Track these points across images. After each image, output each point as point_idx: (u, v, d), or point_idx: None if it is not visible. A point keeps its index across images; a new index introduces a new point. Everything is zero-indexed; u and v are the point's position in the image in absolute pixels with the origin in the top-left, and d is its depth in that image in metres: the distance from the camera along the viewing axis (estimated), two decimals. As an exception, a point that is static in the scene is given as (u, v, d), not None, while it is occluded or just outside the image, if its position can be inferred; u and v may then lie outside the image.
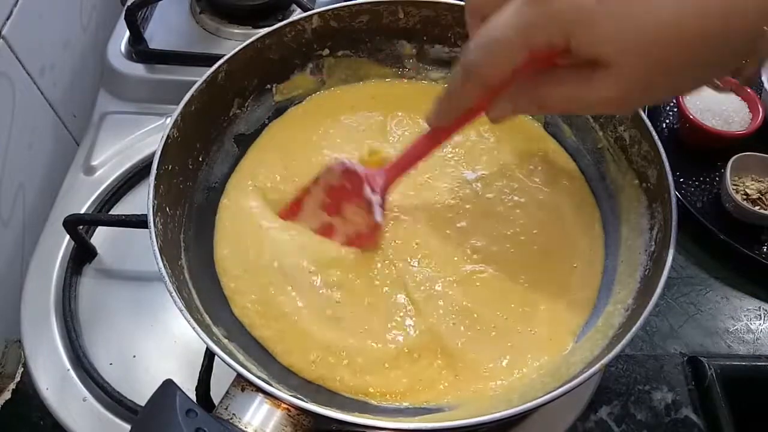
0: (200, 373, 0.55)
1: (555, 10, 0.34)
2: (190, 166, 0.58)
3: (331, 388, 0.50)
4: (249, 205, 0.59)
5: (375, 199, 0.53)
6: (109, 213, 0.69)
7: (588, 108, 0.41)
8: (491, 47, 0.37)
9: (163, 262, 0.47)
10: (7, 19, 0.65)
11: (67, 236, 0.64)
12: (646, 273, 0.51)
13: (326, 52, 0.66)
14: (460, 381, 0.51)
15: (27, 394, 0.61)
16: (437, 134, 0.49)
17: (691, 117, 0.77)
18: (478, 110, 0.44)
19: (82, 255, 0.65)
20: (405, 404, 0.50)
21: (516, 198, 0.59)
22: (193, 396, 0.52)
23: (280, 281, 0.54)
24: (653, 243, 0.52)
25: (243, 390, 0.43)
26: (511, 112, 0.42)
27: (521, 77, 0.39)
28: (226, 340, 0.48)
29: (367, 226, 0.54)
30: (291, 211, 0.58)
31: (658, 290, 0.46)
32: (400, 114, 0.66)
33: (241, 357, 0.47)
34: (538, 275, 0.55)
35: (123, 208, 0.70)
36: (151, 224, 0.48)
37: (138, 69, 0.78)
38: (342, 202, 0.55)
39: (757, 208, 0.72)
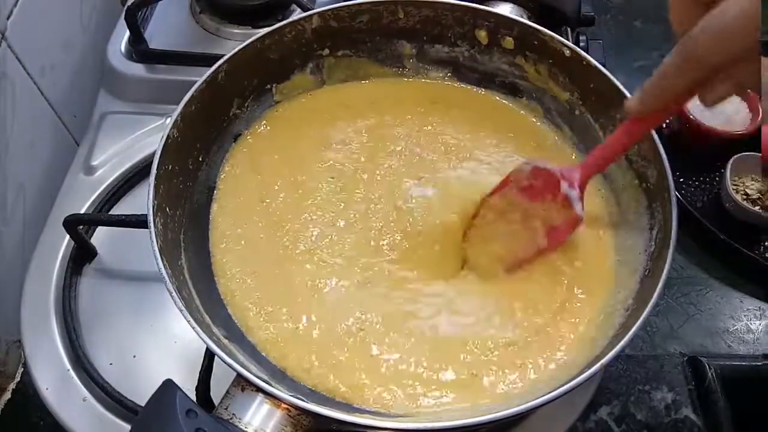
0: (200, 373, 0.54)
1: None
2: (190, 166, 0.58)
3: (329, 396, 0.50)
4: (247, 205, 0.59)
5: (573, 193, 0.52)
6: (109, 213, 0.69)
7: None
8: (722, 34, 0.37)
9: (163, 262, 0.47)
10: (7, 19, 0.65)
11: (67, 236, 0.64)
12: (646, 273, 0.51)
13: (326, 52, 0.66)
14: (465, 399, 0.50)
15: (27, 394, 0.61)
16: (638, 124, 0.48)
17: (691, 117, 0.76)
18: (688, 95, 0.43)
19: (82, 255, 0.65)
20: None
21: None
22: (193, 396, 0.52)
23: (279, 285, 0.54)
24: (653, 243, 0.52)
25: (243, 390, 0.43)
26: (732, 90, 0.41)
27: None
28: (226, 340, 0.48)
29: (564, 221, 0.53)
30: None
31: (658, 290, 0.46)
32: (399, 113, 0.66)
33: (241, 357, 0.47)
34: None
35: (123, 208, 0.70)
36: (151, 224, 0.48)
37: (138, 69, 0.78)
38: (531, 202, 0.54)
39: (757, 208, 0.72)
